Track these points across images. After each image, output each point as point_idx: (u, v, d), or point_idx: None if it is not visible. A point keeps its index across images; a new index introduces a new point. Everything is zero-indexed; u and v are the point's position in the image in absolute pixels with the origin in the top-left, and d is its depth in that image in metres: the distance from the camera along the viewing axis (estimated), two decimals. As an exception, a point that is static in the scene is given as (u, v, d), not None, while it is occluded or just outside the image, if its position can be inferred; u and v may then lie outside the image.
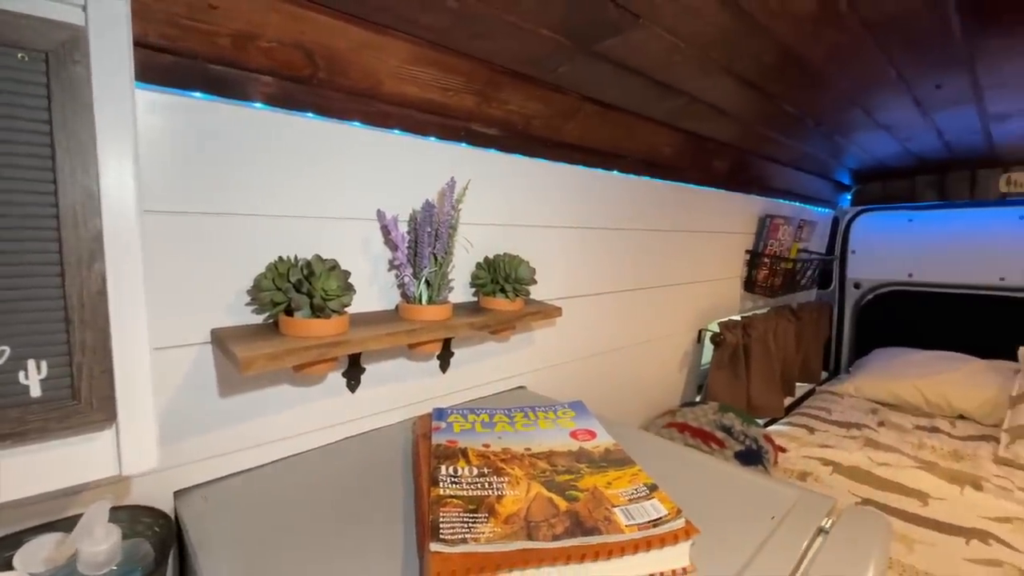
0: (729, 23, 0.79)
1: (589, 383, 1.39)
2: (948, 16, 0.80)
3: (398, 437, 0.86)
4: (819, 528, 0.62)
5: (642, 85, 1.03)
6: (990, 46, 0.93)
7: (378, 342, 0.70)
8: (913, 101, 1.25)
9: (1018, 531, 1.25)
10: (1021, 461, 1.60)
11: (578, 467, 0.69)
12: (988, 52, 0.95)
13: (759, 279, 2.02)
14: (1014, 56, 0.97)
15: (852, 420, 1.95)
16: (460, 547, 0.51)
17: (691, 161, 1.53)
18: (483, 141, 0.96)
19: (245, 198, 0.69)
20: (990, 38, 0.89)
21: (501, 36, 0.78)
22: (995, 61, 1.00)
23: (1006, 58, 0.98)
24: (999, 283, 2.27)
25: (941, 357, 2.20)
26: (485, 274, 0.93)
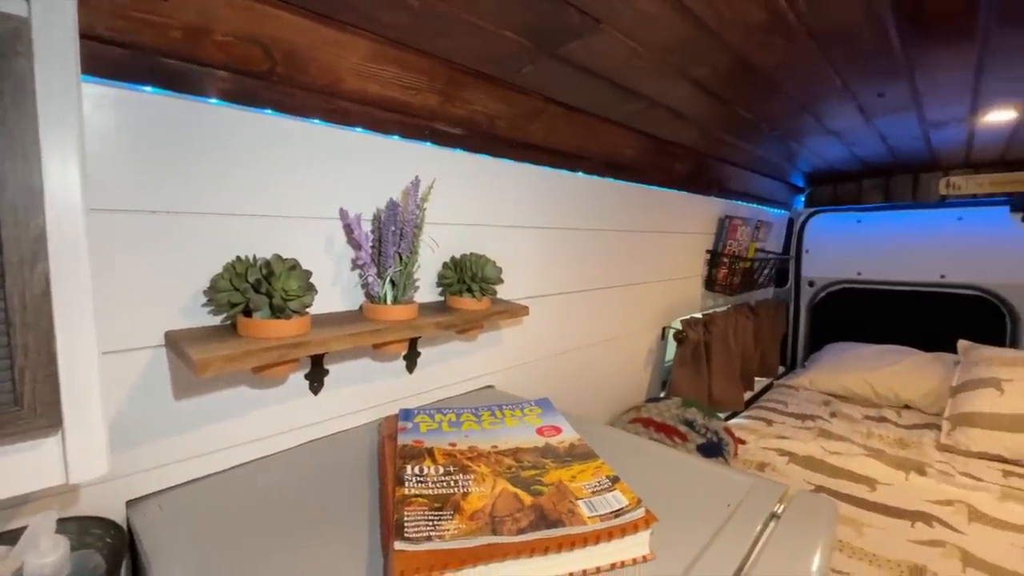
0: (685, 30, 0.82)
1: (557, 381, 1.40)
2: (887, 29, 0.85)
3: (364, 439, 0.85)
4: (771, 513, 0.65)
5: (604, 88, 1.06)
6: (925, 57, 0.99)
7: (341, 342, 0.70)
8: (858, 108, 1.32)
9: (959, 513, 1.33)
10: (961, 447, 1.71)
11: (543, 462, 0.70)
12: (924, 63, 1.02)
13: (719, 278, 2.08)
14: (947, 67, 1.04)
15: (807, 412, 2.04)
16: (424, 544, 0.51)
17: (653, 163, 1.57)
18: (448, 140, 0.96)
19: (201, 196, 0.67)
20: (925, 50, 0.95)
21: (463, 36, 0.78)
22: (930, 71, 1.07)
23: (940, 68, 1.05)
24: (940, 280, 2.42)
25: (888, 351, 2.33)
26: (452, 274, 0.93)
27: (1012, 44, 0.92)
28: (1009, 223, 2.23)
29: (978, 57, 0.98)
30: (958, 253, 2.36)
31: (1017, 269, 2.23)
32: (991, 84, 1.14)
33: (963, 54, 0.97)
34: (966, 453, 1.69)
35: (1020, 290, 2.23)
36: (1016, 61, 1.00)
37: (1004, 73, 1.07)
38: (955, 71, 1.06)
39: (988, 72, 1.06)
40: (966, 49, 0.94)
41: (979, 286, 2.33)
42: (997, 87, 1.16)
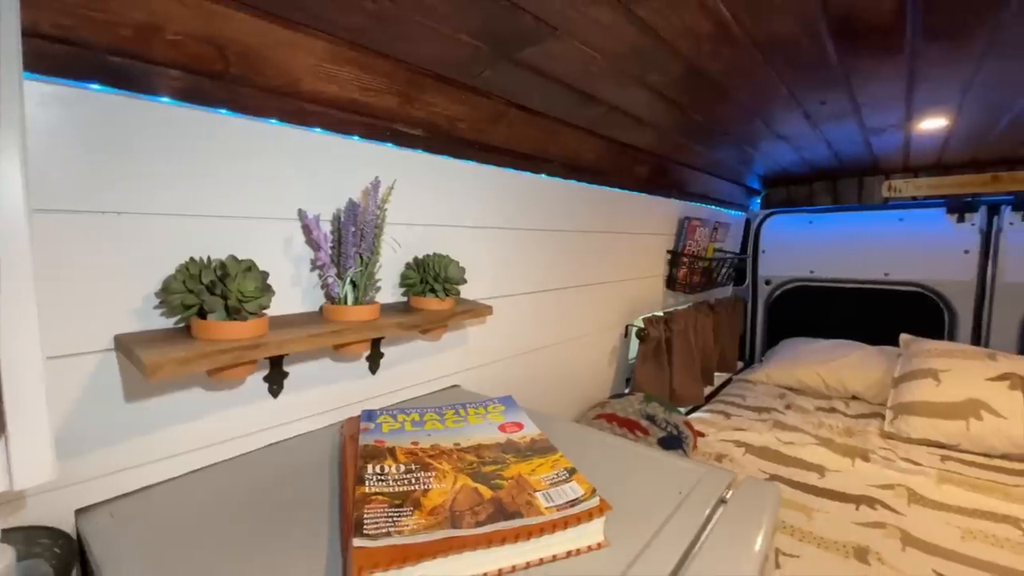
0: (638, 38, 0.85)
1: (524, 380, 1.42)
2: (823, 41, 0.91)
3: (325, 441, 0.84)
4: (720, 499, 0.68)
5: (563, 93, 1.08)
6: (860, 69, 1.06)
7: (300, 344, 0.69)
8: (803, 115, 1.39)
9: (899, 496, 1.42)
10: (903, 435, 1.82)
11: (504, 457, 0.72)
12: (859, 74, 1.09)
13: (679, 277, 2.15)
14: (880, 78, 1.12)
15: (763, 405, 2.13)
16: (383, 540, 0.52)
17: (613, 166, 1.61)
18: (409, 142, 0.97)
19: (153, 197, 0.66)
20: (859, 62, 1.01)
21: (421, 39, 0.79)
22: (866, 82, 1.14)
23: (874, 79, 1.13)
24: (884, 278, 2.56)
25: (838, 345, 2.45)
26: (414, 274, 0.94)
27: (938, 57, 0.99)
28: (946, 224, 2.39)
29: (908, 69, 1.06)
30: (900, 252, 2.51)
31: (953, 267, 2.38)
32: (922, 94, 1.23)
33: (894, 66, 1.04)
34: (907, 440, 1.80)
35: (956, 287, 2.39)
36: (942, 73, 1.08)
37: (932, 84, 1.15)
38: (888, 82, 1.13)
39: (918, 83, 1.14)
40: (896, 62, 1.01)
41: (919, 283, 2.48)
42: (927, 97, 1.25)
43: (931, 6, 0.77)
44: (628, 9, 0.75)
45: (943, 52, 0.96)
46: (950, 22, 0.83)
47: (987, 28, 0.85)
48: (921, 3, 0.77)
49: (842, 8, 0.79)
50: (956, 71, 1.06)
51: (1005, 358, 1.88)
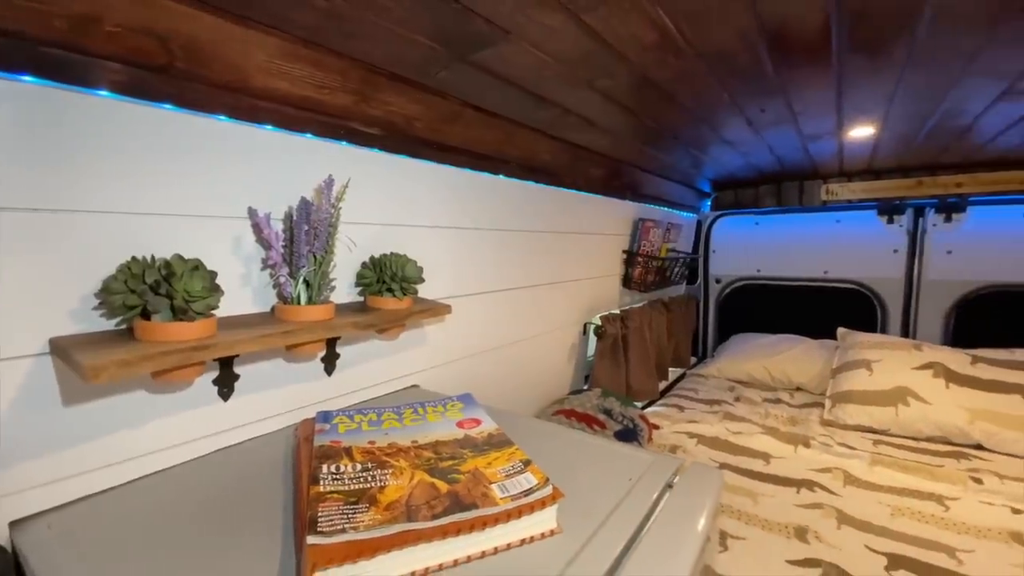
0: (587, 45, 0.88)
1: (484, 378, 1.44)
2: (760, 54, 0.97)
3: (279, 445, 0.83)
4: (667, 484, 0.72)
5: (519, 95, 1.11)
6: (794, 79, 1.13)
7: (250, 344, 0.68)
8: (746, 121, 1.47)
9: (836, 479, 1.52)
10: (840, 422, 1.94)
11: (462, 452, 0.73)
12: (794, 84, 1.16)
13: (635, 276, 2.22)
14: (813, 88, 1.20)
15: (714, 397, 2.23)
16: (338, 537, 0.52)
17: (569, 168, 1.65)
18: (364, 140, 0.96)
19: (92, 193, 0.64)
20: (793, 73, 1.09)
21: (375, 38, 0.79)
22: (800, 91, 1.22)
23: (807, 89, 1.20)
24: (824, 275, 2.73)
25: (783, 340, 2.59)
26: (371, 273, 0.93)
27: (862, 70, 1.08)
28: (877, 225, 2.57)
29: (836, 81, 1.14)
30: (838, 252, 2.67)
31: (884, 265, 2.56)
32: (850, 104, 1.32)
33: (824, 78, 1.11)
34: (844, 426, 1.92)
35: (886, 283, 2.57)
36: (866, 84, 1.17)
37: (859, 94, 1.25)
38: (820, 92, 1.22)
39: (846, 93, 1.23)
40: (826, 74, 1.09)
41: (855, 280, 2.65)
42: (855, 106, 1.35)
43: (853, 23, 0.84)
44: (576, 16, 0.78)
45: (866, 65, 1.04)
46: (870, 38, 0.90)
47: (904, 43, 0.93)
48: (844, 21, 0.83)
49: (775, 23, 0.84)
50: (879, 83, 1.15)
51: (929, 348, 2.04)
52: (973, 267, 2.36)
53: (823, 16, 0.81)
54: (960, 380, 1.85)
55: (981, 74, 1.08)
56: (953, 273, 2.41)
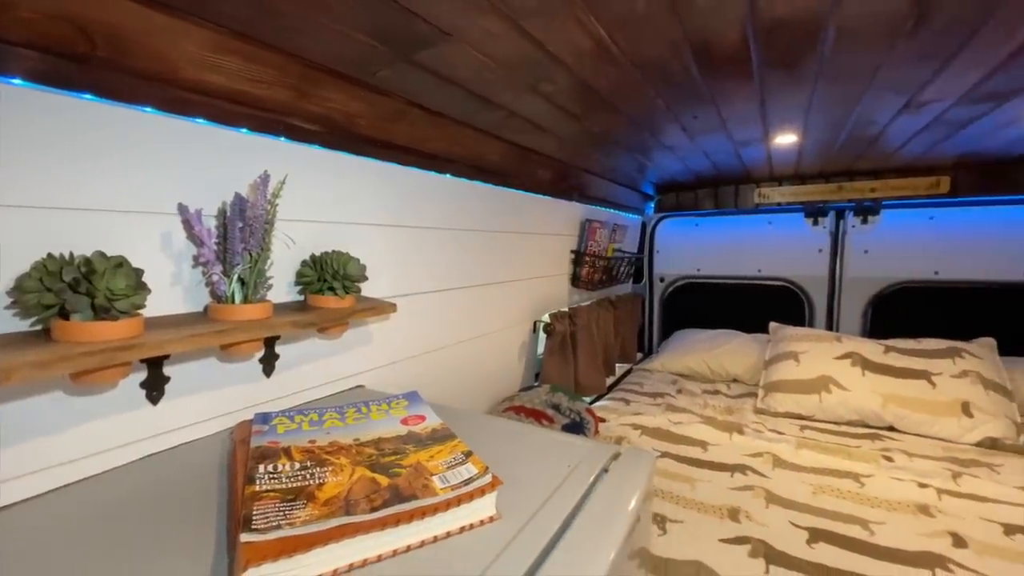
0: (527, 50, 0.91)
1: (434, 377, 1.44)
2: (688, 64, 1.03)
3: (214, 448, 0.80)
4: (603, 469, 0.76)
5: (464, 96, 1.12)
6: (722, 89, 1.21)
7: (180, 344, 0.66)
8: (681, 128, 1.55)
9: (766, 462, 1.63)
10: (771, 410, 2.08)
11: (405, 448, 0.74)
12: (722, 94, 1.24)
13: (583, 275, 2.29)
14: (739, 97, 1.28)
15: (658, 390, 2.33)
16: (273, 533, 0.52)
17: (517, 169, 1.68)
18: (304, 136, 0.95)
19: (3, 188, 0.60)
20: (720, 83, 1.16)
21: (313, 34, 0.79)
22: (728, 101, 1.30)
23: (734, 98, 1.29)
24: (758, 274, 2.90)
25: (721, 334, 2.74)
26: (311, 272, 0.92)
27: (780, 82, 1.17)
28: (804, 227, 2.77)
29: (759, 92, 1.23)
30: (770, 251, 2.86)
31: (810, 264, 2.77)
32: (773, 113, 1.42)
33: (747, 88, 1.20)
34: (774, 414, 2.06)
35: (812, 280, 2.77)
36: (786, 95, 1.26)
37: (780, 105, 1.34)
38: (745, 101, 1.31)
39: (768, 104, 1.33)
40: (749, 85, 1.17)
41: (785, 278, 2.84)
42: (778, 115, 1.45)
43: (767, 39, 0.91)
44: (515, 22, 0.80)
45: (783, 78, 1.13)
46: (784, 53, 0.98)
47: (814, 59, 1.01)
48: (760, 36, 0.90)
49: (700, 36, 0.90)
50: (796, 95, 1.25)
51: (849, 340, 2.22)
52: (886, 265, 2.59)
53: (741, 31, 0.87)
54: (875, 368, 2.02)
55: (883, 88, 1.20)
56: (869, 271, 2.63)
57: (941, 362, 1.97)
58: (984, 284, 2.41)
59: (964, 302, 2.44)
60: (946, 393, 1.87)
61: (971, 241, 2.42)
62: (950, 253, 2.46)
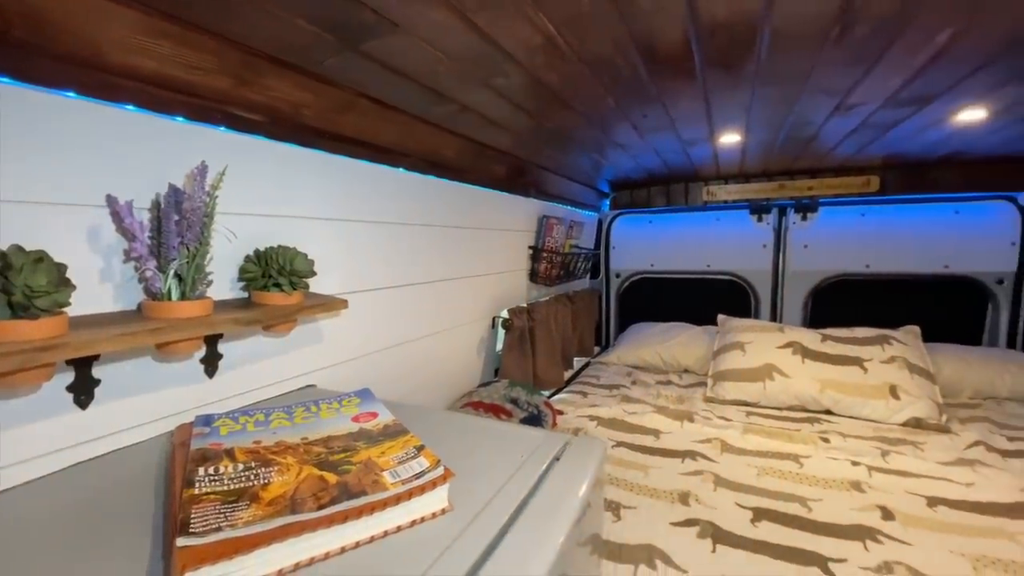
0: (477, 44, 0.91)
1: (391, 375, 1.42)
2: (636, 64, 1.06)
3: (152, 453, 0.76)
4: (554, 457, 0.77)
5: (415, 89, 1.11)
6: (669, 88, 1.25)
7: (110, 343, 0.62)
8: (632, 126, 1.59)
9: (714, 447, 1.70)
10: (719, 398, 2.17)
11: (355, 445, 0.72)
12: (668, 93, 1.28)
13: (541, 271, 2.31)
14: (685, 97, 1.33)
15: (614, 383, 2.39)
16: (212, 536, 0.50)
17: (473, 164, 1.68)
18: (246, 126, 0.91)
19: None
20: (666, 83, 1.20)
21: (252, 19, 0.76)
22: (675, 100, 1.35)
23: (681, 98, 1.33)
24: (707, 268, 3.02)
25: (673, 327, 2.83)
26: (255, 267, 0.89)
27: (722, 83, 1.22)
28: (749, 223, 2.90)
29: (703, 91, 1.27)
30: (718, 247, 2.98)
31: (755, 258, 2.90)
32: (718, 113, 1.48)
33: (692, 89, 1.24)
34: (723, 401, 2.15)
35: (757, 274, 2.91)
36: (728, 96, 1.32)
37: (723, 105, 1.40)
38: (691, 101, 1.35)
39: (713, 103, 1.38)
40: (693, 85, 1.22)
41: (732, 272, 2.97)
42: (721, 115, 1.52)
43: (707, 40, 0.95)
44: (464, 15, 0.80)
45: (724, 79, 1.18)
46: (725, 54, 1.02)
47: (752, 61, 1.06)
48: (701, 37, 0.94)
49: (645, 36, 0.93)
50: (738, 94, 1.30)
51: (791, 330, 2.34)
52: (823, 259, 2.75)
53: (683, 32, 0.91)
54: (813, 356, 2.15)
55: (816, 91, 1.27)
56: (809, 265, 2.79)
57: (871, 349, 2.12)
58: (909, 276, 2.60)
59: (892, 293, 2.63)
60: (876, 378, 2.01)
61: (898, 236, 2.61)
62: (880, 248, 2.64)
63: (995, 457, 1.60)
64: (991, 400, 2.12)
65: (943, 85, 1.21)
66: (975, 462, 1.57)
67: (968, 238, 2.51)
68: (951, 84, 1.20)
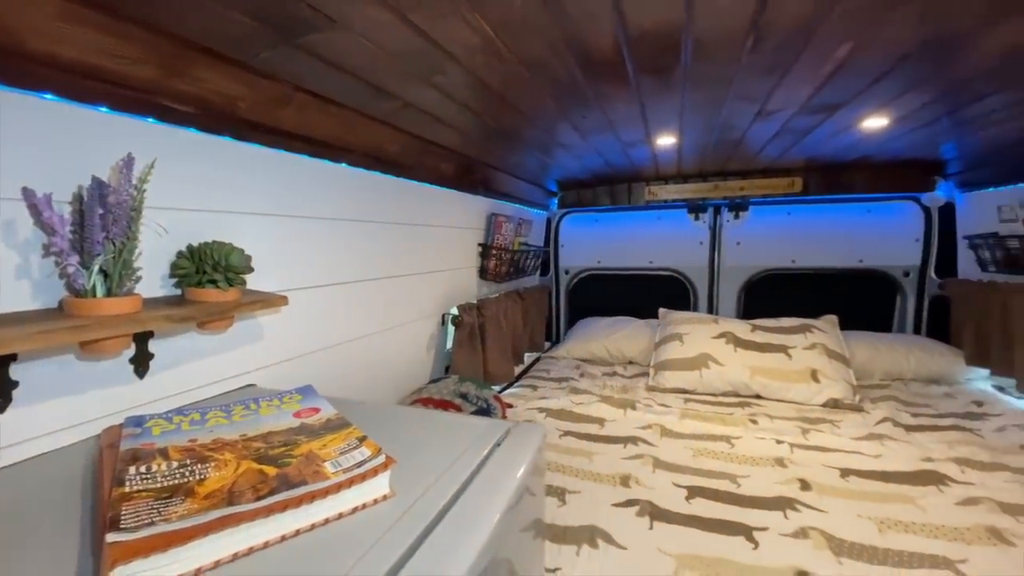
0: (416, 41, 0.92)
1: (338, 373, 1.40)
2: (572, 67, 1.11)
3: (77, 457, 0.73)
4: (495, 443, 0.80)
5: (356, 83, 1.11)
6: (604, 92, 1.31)
7: (26, 342, 0.60)
8: (573, 127, 1.65)
9: (654, 433, 1.79)
10: (660, 386, 2.29)
11: (296, 439, 0.73)
12: (605, 96, 1.34)
13: (490, 268, 2.34)
14: (621, 100, 1.39)
15: (563, 376, 2.46)
16: (144, 531, 0.49)
17: (418, 161, 1.68)
18: (177, 118, 0.89)
19: None
20: (601, 86, 1.26)
21: (181, 9, 0.74)
22: (611, 102, 1.41)
23: (617, 101, 1.40)
24: (650, 265, 3.16)
25: (618, 321, 2.94)
26: (188, 263, 0.87)
27: (654, 88, 1.29)
28: (687, 221, 3.05)
29: (638, 95, 1.34)
30: (659, 244, 3.12)
31: (693, 255, 3.07)
32: (652, 116, 1.56)
33: (627, 92, 1.31)
34: (663, 390, 2.27)
35: (695, 270, 3.08)
36: (660, 99, 1.40)
37: (657, 108, 1.48)
38: (627, 104, 1.42)
39: (647, 107, 1.46)
40: (627, 89, 1.28)
41: (673, 268, 3.12)
42: (657, 119, 1.60)
43: (636, 47, 1.01)
44: (402, 14, 0.82)
45: (656, 84, 1.25)
46: (653, 60, 1.09)
47: (678, 68, 1.13)
48: (631, 44, 0.99)
49: (578, 42, 0.97)
50: (669, 99, 1.38)
51: (725, 321, 2.49)
52: (754, 255, 2.95)
53: (614, 38, 0.96)
54: (744, 345, 2.30)
55: (738, 97, 1.37)
56: (741, 260, 2.97)
57: (795, 337, 2.29)
58: (829, 270, 2.83)
59: (814, 285, 2.85)
60: (799, 363, 2.18)
61: (819, 234, 2.83)
62: (804, 244, 2.86)
63: (900, 431, 1.78)
64: (899, 381, 2.35)
65: (848, 94, 1.34)
66: (883, 436, 1.74)
67: (879, 235, 2.76)
68: (855, 93, 1.33)
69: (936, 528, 1.20)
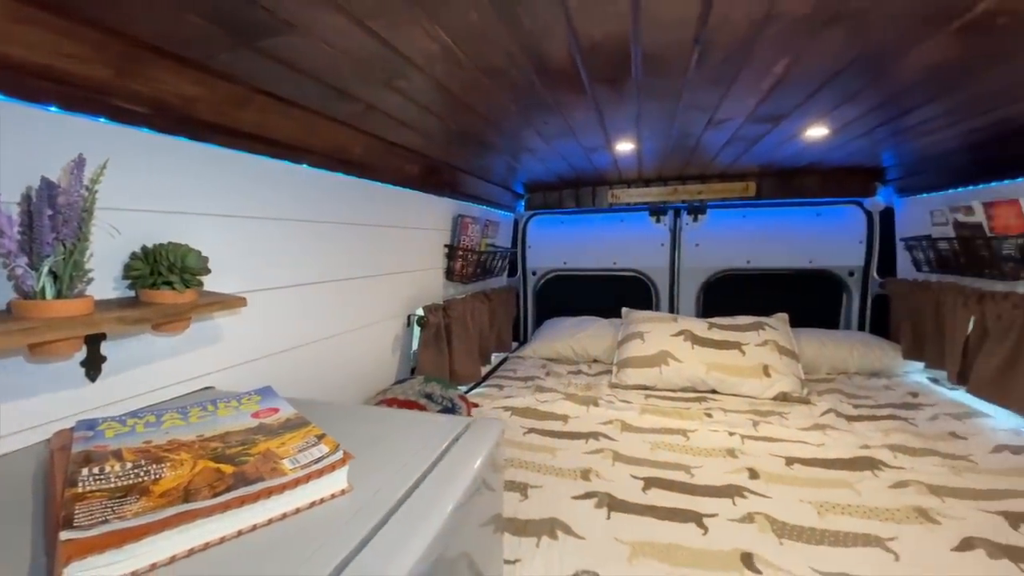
0: (375, 47, 0.94)
1: (300, 375, 1.40)
2: (530, 76, 1.15)
3: (27, 462, 0.72)
4: (454, 438, 0.83)
5: (316, 86, 1.11)
6: (562, 99, 1.35)
7: (-26, 343, 0.59)
8: (536, 132, 1.69)
9: (615, 428, 1.85)
10: (623, 384, 2.36)
11: (254, 438, 0.73)
12: (563, 104, 1.39)
13: (456, 269, 2.36)
14: (580, 108, 1.44)
15: (529, 375, 2.50)
16: (98, 529, 0.50)
17: (383, 163, 1.69)
18: (130, 118, 0.88)
19: None
20: (559, 94, 1.30)
21: (133, 9, 0.74)
22: (569, 110, 1.46)
23: (575, 109, 1.45)
24: (614, 266, 3.24)
25: (583, 320, 3.01)
26: (143, 265, 0.86)
27: (610, 97, 1.34)
28: (649, 224, 3.15)
29: (595, 103, 1.40)
30: (622, 246, 3.21)
31: (654, 256, 3.17)
32: (610, 123, 1.62)
33: (584, 100, 1.36)
34: (625, 387, 2.34)
35: (656, 271, 3.18)
36: (616, 108, 1.45)
37: (615, 116, 1.54)
38: (585, 111, 1.47)
39: (605, 114, 1.51)
40: (584, 97, 1.33)
41: (635, 269, 3.22)
42: (615, 126, 1.66)
43: (590, 59, 1.05)
44: (359, 20, 0.84)
45: (611, 93, 1.30)
46: (606, 71, 1.14)
47: (630, 79, 1.19)
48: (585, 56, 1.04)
49: (535, 52, 1.01)
50: (625, 107, 1.44)
51: (684, 320, 2.59)
52: (712, 256, 3.07)
53: (567, 50, 1.00)
54: (701, 342, 2.39)
55: (690, 107, 1.44)
56: (700, 261, 3.09)
57: (748, 334, 2.40)
58: (781, 270, 2.97)
59: (768, 284, 2.99)
60: (752, 359, 2.29)
61: (772, 236, 2.97)
62: (758, 245, 3.00)
63: (842, 421, 1.90)
64: (843, 375, 2.49)
65: (789, 106, 1.43)
66: (826, 426, 1.85)
67: (827, 237, 2.92)
68: (795, 106, 1.42)
69: (870, 510, 1.29)
